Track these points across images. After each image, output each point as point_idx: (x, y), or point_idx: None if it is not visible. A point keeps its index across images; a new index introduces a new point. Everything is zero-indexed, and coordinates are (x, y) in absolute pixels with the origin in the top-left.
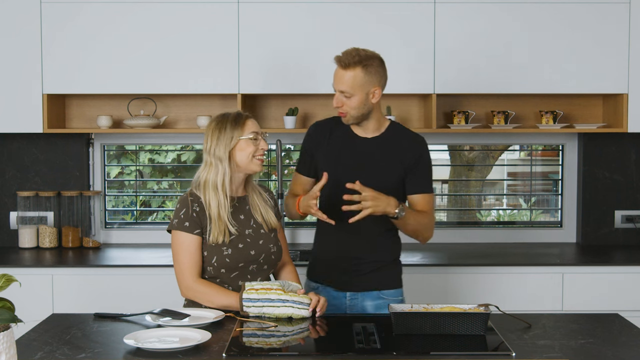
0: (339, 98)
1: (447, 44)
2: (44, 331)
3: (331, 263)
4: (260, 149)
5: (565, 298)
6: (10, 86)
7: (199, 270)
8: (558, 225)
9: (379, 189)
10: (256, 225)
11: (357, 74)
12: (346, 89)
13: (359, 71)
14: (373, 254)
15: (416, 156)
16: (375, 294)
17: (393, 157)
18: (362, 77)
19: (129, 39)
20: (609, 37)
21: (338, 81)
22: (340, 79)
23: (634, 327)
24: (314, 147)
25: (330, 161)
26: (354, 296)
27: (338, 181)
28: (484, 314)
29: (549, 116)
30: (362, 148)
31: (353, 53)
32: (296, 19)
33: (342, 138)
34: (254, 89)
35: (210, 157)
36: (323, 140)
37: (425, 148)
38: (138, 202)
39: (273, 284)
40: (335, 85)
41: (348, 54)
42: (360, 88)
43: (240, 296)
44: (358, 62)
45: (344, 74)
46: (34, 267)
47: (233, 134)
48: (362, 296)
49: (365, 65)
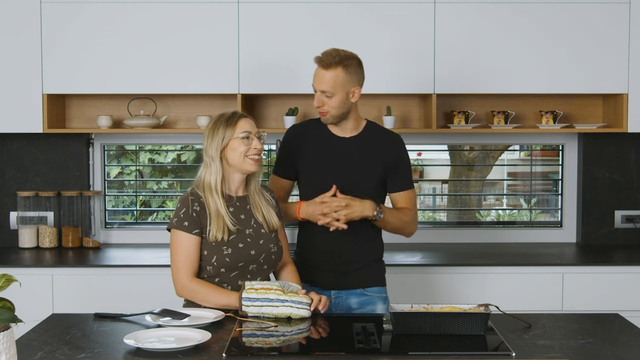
0: (319, 98)
1: (447, 44)
2: (44, 331)
3: (315, 263)
4: (252, 148)
5: (565, 298)
6: (10, 86)
7: (194, 270)
8: (558, 225)
9: (360, 188)
10: (257, 225)
11: (339, 73)
12: (327, 88)
13: (340, 71)
14: (357, 254)
15: (396, 156)
16: (360, 291)
17: (372, 157)
18: (343, 76)
19: (129, 39)
20: (609, 37)
21: (319, 81)
22: (321, 79)
23: (634, 327)
24: (293, 151)
25: (311, 162)
26: (338, 294)
27: (320, 182)
28: (484, 314)
29: (549, 116)
30: (341, 148)
31: (333, 53)
32: (296, 19)
33: (320, 139)
34: (254, 89)
35: (206, 156)
36: (302, 142)
37: (403, 146)
38: (138, 202)
39: (273, 284)
40: (316, 85)
41: (329, 55)
42: (341, 87)
43: (239, 295)
44: (339, 62)
45: (325, 74)
46: (34, 267)
47: (225, 134)
48: (346, 294)
49: (345, 65)
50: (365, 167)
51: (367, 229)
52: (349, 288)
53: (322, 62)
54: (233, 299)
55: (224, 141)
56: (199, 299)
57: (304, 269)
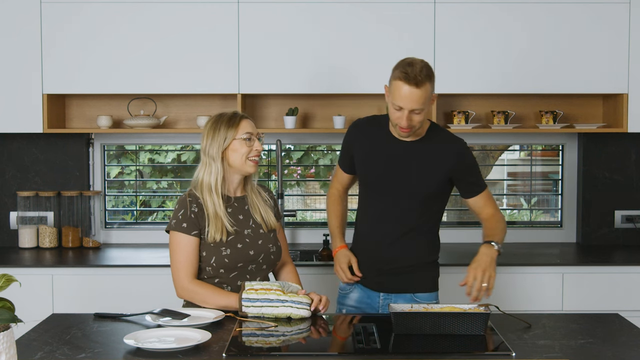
0: (410, 117)
1: (447, 44)
2: (44, 331)
3: (366, 263)
4: (254, 150)
5: (565, 298)
6: (10, 86)
7: (194, 271)
8: (558, 225)
9: (420, 192)
10: (255, 225)
11: (427, 88)
12: (419, 106)
13: (428, 85)
14: (408, 256)
15: (459, 161)
16: (409, 296)
17: (433, 162)
18: (431, 90)
19: (129, 39)
20: (609, 37)
21: (411, 101)
22: (413, 98)
23: (634, 327)
24: (353, 146)
25: (367, 163)
26: (387, 297)
27: (375, 182)
28: (484, 314)
29: (549, 116)
30: (399, 151)
31: (420, 68)
32: (296, 19)
33: (381, 140)
34: (254, 89)
35: (205, 156)
36: (363, 140)
37: (464, 150)
38: (138, 202)
39: (273, 285)
40: (406, 105)
41: (416, 71)
42: (430, 101)
43: (239, 296)
44: (427, 76)
45: (417, 93)
46: (34, 267)
47: (227, 134)
48: (395, 297)
49: (431, 77)
50: (426, 173)
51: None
52: (397, 291)
53: (414, 81)
54: (233, 300)
55: (225, 142)
56: (199, 300)
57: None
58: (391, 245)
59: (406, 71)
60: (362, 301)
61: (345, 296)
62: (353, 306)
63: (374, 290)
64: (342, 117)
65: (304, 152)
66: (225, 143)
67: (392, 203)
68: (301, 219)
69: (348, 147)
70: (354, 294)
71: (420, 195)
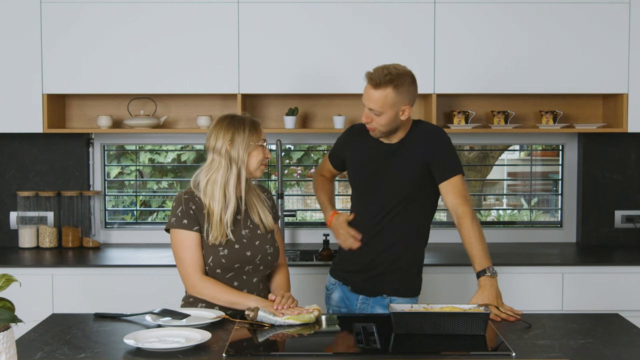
0: (368, 114)
1: (447, 44)
2: (44, 331)
3: (348, 263)
4: (266, 157)
5: (565, 298)
6: (10, 86)
7: (202, 266)
8: (558, 225)
9: (403, 188)
10: (253, 226)
11: (388, 93)
12: (375, 107)
13: (390, 91)
14: (390, 259)
15: (431, 151)
16: (386, 300)
17: (408, 159)
18: (393, 97)
19: (129, 39)
20: (609, 37)
21: (368, 99)
22: (370, 97)
23: (634, 327)
24: (344, 150)
25: (355, 167)
26: (365, 300)
27: (360, 185)
28: (484, 314)
29: (549, 116)
30: (383, 153)
31: (385, 72)
32: (296, 19)
33: (370, 145)
34: (254, 89)
35: (221, 157)
36: (354, 144)
37: (438, 138)
38: (138, 202)
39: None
40: (365, 102)
41: (380, 73)
42: (391, 107)
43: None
44: (389, 81)
45: (374, 93)
46: (34, 267)
47: (251, 139)
48: (373, 302)
49: (396, 85)
50: (402, 171)
51: (405, 235)
52: (375, 295)
53: (372, 81)
54: (243, 298)
55: (250, 147)
56: (210, 296)
57: (338, 267)
58: (375, 248)
59: (372, 71)
60: (342, 302)
61: (329, 296)
62: (336, 306)
63: (354, 293)
64: (342, 117)
65: (304, 152)
66: (250, 147)
67: (377, 203)
68: (301, 219)
69: (339, 149)
70: (335, 294)
71: (401, 188)
